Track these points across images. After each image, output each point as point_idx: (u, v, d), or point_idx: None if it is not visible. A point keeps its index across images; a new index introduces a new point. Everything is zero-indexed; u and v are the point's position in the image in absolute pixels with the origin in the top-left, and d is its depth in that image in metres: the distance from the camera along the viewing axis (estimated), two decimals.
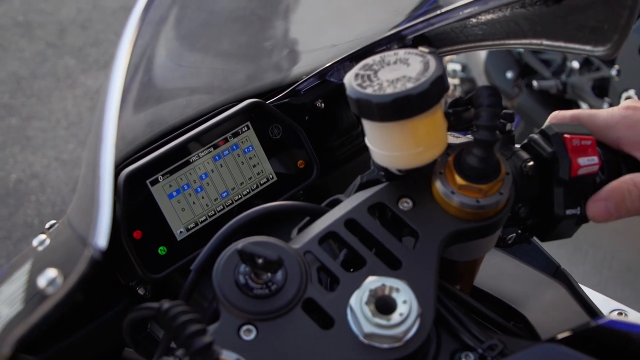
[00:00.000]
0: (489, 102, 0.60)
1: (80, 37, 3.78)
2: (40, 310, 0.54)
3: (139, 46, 0.64)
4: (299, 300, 0.58)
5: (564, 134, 0.67)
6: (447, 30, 0.82)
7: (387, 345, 0.55)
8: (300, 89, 1.04)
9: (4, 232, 2.76)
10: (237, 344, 0.55)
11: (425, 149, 0.60)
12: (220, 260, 0.59)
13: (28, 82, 3.50)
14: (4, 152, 3.10)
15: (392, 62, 0.60)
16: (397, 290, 0.56)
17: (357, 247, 0.61)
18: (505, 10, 0.72)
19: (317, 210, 0.69)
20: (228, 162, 0.94)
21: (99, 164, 0.55)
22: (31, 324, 0.54)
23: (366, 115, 0.58)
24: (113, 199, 0.67)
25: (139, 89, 0.93)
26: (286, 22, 1.13)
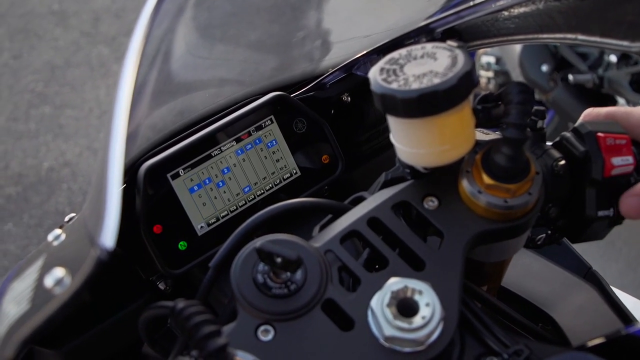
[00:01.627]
0: (519, 99, 0.59)
1: (114, 26, 3.81)
2: (46, 311, 0.54)
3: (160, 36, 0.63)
4: (319, 300, 0.57)
5: (597, 132, 0.65)
6: (477, 24, 0.80)
7: (409, 349, 0.54)
8: (325, 82, 1.03)
9: (35, 219, 2.80)
10: (254, 345, 0.54)
11: (452, 147, 0.59)
12: (239, 259, 0.58)
13: (62, 70, 3.53)
14: (37, 140, 3.14)
15: (419, 56, 0.58)
16: (420, 293, 0.55)
17: (380, 247, 0.60)
18: (538, 3, 0.69)
19: (340, 208, 0.68)
20: (251, 156, 0.93)
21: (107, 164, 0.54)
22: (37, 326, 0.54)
23: (391, 111, 0.57)
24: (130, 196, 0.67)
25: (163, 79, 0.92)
26: (319, 12, 1.11)
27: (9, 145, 3.11)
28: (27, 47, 3.66)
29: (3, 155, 3.06)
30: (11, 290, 0.68)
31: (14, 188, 2.92)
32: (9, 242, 2.71)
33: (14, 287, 0.67)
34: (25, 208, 2.84)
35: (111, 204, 0.53)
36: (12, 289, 0.68)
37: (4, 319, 0.63)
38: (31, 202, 2.86)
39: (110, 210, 0.52)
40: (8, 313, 0.63)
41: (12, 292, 0.67)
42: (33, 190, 2.91)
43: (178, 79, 1.00)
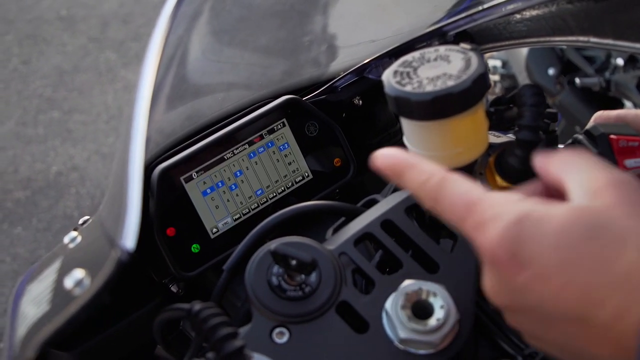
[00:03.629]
0: (532, 101, 0.59)
1: (122, 31, 3.82)
2: (67, 312, 0.54)
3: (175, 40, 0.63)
4: (333, 303, 0.57)
5: (610, 134, 0.65)
6: (490, 27, 0.80)
7: (423, 351, 0.54)
8: (337, 86, 1.03)
9: (44, 223, 2.81)
10: (269, 347, 0.54)
11: (465, 150, 0.59)
12: (253, 261, 0.58)
13: (70, 75, 3.55)
14: (45, 144, 3.15)
15: (433, 59, 0.58)
16: (435, 295, 0.55)
17: (394, 249, 0.60)
18: (551, 6, 0.69)
19: (353, 211, 0.68)
20: (263, 160, 0.93)
21: (127, 165, 0.55)
22: (57, 327, 0.54)
23: (405, 113, 0.57)
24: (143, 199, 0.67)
25: (178, 83, 0.92)
26: (325, 17, 1.11)
27: (18, 150, 3.12)
28: (36, 53, 3.68)
29: (12, 160, 3.07)
30: (28, 292, 0.68)
31: (22, 192, 2.93)
32: (18, 245, 2.71)
33: (32, 289, 0.68)
34: (34, 212, 2.85)
35: (132, 205, 0.53)
36: (30, 291, 0.68)
37: (23, 320, 0.63)
38: (40, 206, 2.87)
39: (130, 211, 0.52)
40: (27, 314, 0.63)
41: (29, 294, 0.67)
42: (42, 194, 2.93)
43: (188, 84, 1.00)
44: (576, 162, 0.47)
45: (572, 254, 0.42)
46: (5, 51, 3.69)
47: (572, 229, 0.42)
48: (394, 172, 0.53)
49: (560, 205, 0.44)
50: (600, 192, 0.44)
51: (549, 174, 0.49)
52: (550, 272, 0.43)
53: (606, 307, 0.41)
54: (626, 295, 0.40)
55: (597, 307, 0.42)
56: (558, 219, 0.43)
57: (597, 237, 0.42)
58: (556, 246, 0.43)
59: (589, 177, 0.45)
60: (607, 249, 0.41)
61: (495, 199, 0.47)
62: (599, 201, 0.43)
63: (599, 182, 0.44)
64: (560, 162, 0.49)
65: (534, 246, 0.43)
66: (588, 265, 0.42)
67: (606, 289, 0.41)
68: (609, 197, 0.43)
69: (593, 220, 0.42)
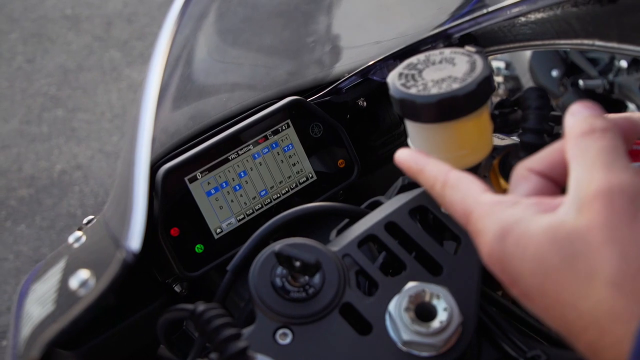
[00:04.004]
0: (537, 104, 0.59)
1: (126, 31, 3.82)
2: (72, 312, 0.54)
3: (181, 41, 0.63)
4: (337, 304, 0.57)
5: None
6: (494, 29, 0.80)
7: (427, 353, 0.54)
8: (342, 87, 1.03)
9: (47, 221, 2.81)
10: (272, 348, 0.54)
11: (469, 152, 0.59)
12: (257, 262, 0.58)
13: (74, 74, 3.55)
14: (49, 143, 3.15)
15: (438, 61, 0.58)
16: (438, 297, 0.55)
17: (397, 251, 0.60)
18: (555, 9, 0.69)
19: (357, 212, 0.68)
20: (267, 160, 0.93)
21: (133, 165, 0.55)
22: (62, 327, 0.54)
23: (409, 116, 0.57)
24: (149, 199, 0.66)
25: (182, 83, 0.93)
26: (329, 18, 1.12)
27: (22, 148, 3.12)
28: (41, 51, 3.68)
29: (16, 158, 3.07)
30: (33, 292, 0.68)
31: (26, 190, 2.93)
32: (21, 243, 2.72)
33: (36, 289, 0.68)
34: (38, 210, 2.85)
35: (137, 206, 0.53)
36: (34, 291, 0.68)
37: (28, 320, 0.63)
38: (43, 205, 2.87)
39: (136, 212, 0.52)
40: (32, 314, 0.63)
41: (34, 294, 0.67)
42: (45, 192, 2.93)
43: (193, 84, 1.01)
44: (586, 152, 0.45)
45: (548, 282, 0.42)
46: (9, 49, 3.69)
47: (548, 255, 0.42)
48: (410, 174, 0.55)
49: (544, 218, 0.44)
50: (589, 204, 0.42)
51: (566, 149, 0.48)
52: (533, 294, 0.43)
53: (581, 342, 0.41)
54: (597, 335, 0.40)
55: (574, 338, 0.42)
56: (536, 240, 0.43)
57: (570, 267, 0.41)
58: (533, 273, 0.43)
59: (589, 176, 0.43)
60: (578, 283, 0.41)
61: (484, 209, 0.47)
62: (582, 218, 0.42)
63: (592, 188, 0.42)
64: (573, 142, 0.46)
65: (516, 267, 0.43)
66: (562, 296, 0.41)
67: (578, 325, 0.41)
68: (594, 214, 0.41)
69: (569, 246, 0.41)
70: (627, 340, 0.38)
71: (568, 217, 0.43)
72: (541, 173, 0.49)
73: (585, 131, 0.46)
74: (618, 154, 0.44)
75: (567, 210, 0.43)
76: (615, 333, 0.39)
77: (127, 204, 0.54)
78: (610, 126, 0.46)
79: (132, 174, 0.55)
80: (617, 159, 0.44)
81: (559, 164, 0.49)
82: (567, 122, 0.48)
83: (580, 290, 0.40)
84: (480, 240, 0.46)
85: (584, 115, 0.47)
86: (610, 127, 0.46)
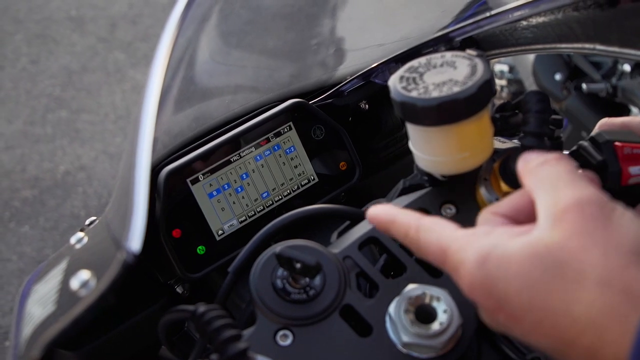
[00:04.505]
0: (537, 107, 0.59)
1: (130, 32, 3.83)
2: (72, 313, 0.54)
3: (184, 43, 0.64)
4: (337, 306, 0.57)
5: (614, 141, 0.65)
6: (496, 33, 0.80)
7: (426, 355, 0.54)
8: (344, 90, 1.03)
9: (51, 222, 2.82)
10: (273, 349, 0.55)
11: (470, 155, 0.59)
12: (258, 264, 0.58)
13: (78, 75, 3.56)
14: (53, 144, 3.16)
15: (439, 64, 0.58)
16: (438, 299, 0.55)
17: (398, 253, 0.60)
18: (557, 13, 0.69)
19: (358, 215, 0.68)
20: (269, 162, 0.93)
21: (134, 167, 0.55)
22: (62, 328, 0.54)
23: (410, 119, 0.57)
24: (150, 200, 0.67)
25: (185, 85, 0.93)
26: (333, 20, 1.12)
27: (26, 149, 3.13)
28: (45, 52, 3.69)
29: (20, 159, 3.08)
30: (34, 292, 0.68)
31: (30, 191, 2.94)
32: (25, 244, 2.72)
33: (38, 289, 0.68)
34: (41, 211, 2.86)
35: (138, 207, 0.53)
36: (36, 291, 0.68)
37: (29, 320, 0.64)
38: (47, 205, 2.88)
39: (136, 213, 0.53)
40: (33, 314, 0.63)
41: (35, 294, 0.68)
42: (49, 193, 2.94)
43: (196, 86, 1.01)
44: (545, 176, 0.47)
45: (535, 297, 0.42)
46: (14, 51, 3.70)
47: (531, 269, 0.43)
48: (382, 228, 0.56)
49: (520, 238, 0.44)
50: (561, 218, 0.43)
51: (524, 184, 0.50)
52: (520, 314, 0.44)
53: (577, 348, 0.41)
54: (594, 336, 0.40)
55: (569, 346, 0.42)
56: (517, 258, 0.43)
57: (555, 276, 0.42)
58: (519, 290, 0.43)
59: (555, 197, 0.45)
60: (567, 289, 0.41)
61: (460, 242, 0.48)
62: (558, 231, 0.43)
63: (561, 205, 0.44)
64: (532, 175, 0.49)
65: (500, 289, 0.44)
66: (551, 306, 0.42)
67: (573, 331, 0.41)
68: (569, 224, 0.43)
69: (550, 257, 0.42)
70: (628, 335, 0.39)
71: (543, 233, 0.44)
72: (506, 216, 0.51)
73: (539, 162, 0.49)
74: (577, 175, 0.46)
75: (541, 228, 0.44)
76: (614, 330, 0.39)
77: (128, 205, 0.54)
78: (561, 155, 0.48)
79: (132, 175, 0.55)
80: (577, 178, 0.46)
81: (523, 208, 0.51)
82: (519, 164, 0.51)
83: (570, 295, 0.41)
84: (460, 272, 0.47)
85: (534, 155, 0.50)
86: (562, 156, 0.48)
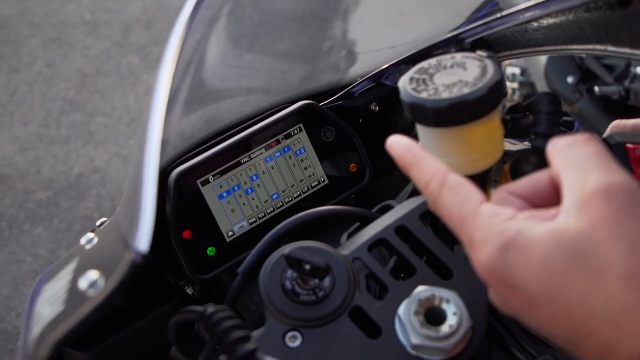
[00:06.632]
0: (548, 109, 0.58)
1: (144, 36, 3.85)
2: (80, 313, 0.54)
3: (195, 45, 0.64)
4: (346, 308, 0.57)
5: (626, 143, 0.65)
6: (506, 34, 0.80)
7: (436, 357, 0.54)
8: (354, 92, 1.03)
9: (65, 224, 2.83)
10: (282, 350, 0.55)
11: (480, 156, 0.59)
12: (267, 265, 0.58)
13: (93, 79, 3.58)
14: (67, 146, 3.18)
15: (449, 66, 0.58)
16: (448, 301, 0.55)
17: (408, 255, 0.60)
18: (568, 15, 0.69)
19: (368, 216, 0.68)
20: (279, 164, 0.93)
21: (142, 168, 0.55)
22: (70, 327, 0.54)
23: (420, 120, 0.57)
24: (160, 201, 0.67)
25: (196, 87, 0.93)
26: (345, 23, 1.12)
27: (41, 151, 3.15)
28: (60, 56, 3.71)
29: (35, 161, 3.11)
30: (44, 292, 0.69)
31: (44, 193, 2.96)
32: (39, 245, 2.74)
33: (47, 289, 0.68)
34: (55, 213, 2.88)
35: (146, 208, 0.53)
36: (46, 291, 0.69)
37: (38, 319, 0.64)
38: (61, 207, 2.90)
39: (144, 214, 0.53)
40: (42, 314, 0.64)
41: (45, 294, 0.68)
42: (63, 195, 2.95)
43: (207, 88, 1.01)
44: (575, 156, 0.46)
45: (556, 285, 0.41)
46: (30, 54, 3.73)
47: (554, 258, 0.41)
48: (402, 164, 0.53)
49: (545, 226, 0.43)
50: (589, 203, 0.42)
51: (552, 166, 0.48)
52: (538, 301, 0.43)
53: (593, 341, 0.40)
54: (612, 331, 0.39)
55: (585, 338, 0.41)
56: (540, 247, 0.42)
57: (578, 267, 0.41)
58: (539, 277, 0.42)
59: (583, 180, 0.43)
60: (589, 280, 0.40)
61: (483, 220, 0.46)
62: (584, 219, 0.41)
63: (590, 187, 0.42)
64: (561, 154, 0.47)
65: (520, 275, 0.43)
66: (571, 297, 0.41)
67: (591, 323, 0.40)
68: (597, 211, 0.41)
69: (575, 246, 0.41)
70: None
71: (569, 220, 0.42)
72: (522, 197, 0.49)
73: (569, 142, 0.47)
74: (607, 157, 0.44)
75: (567, 214, 0.43)
76: (633, 326, 0.39)
77: (137, 205, 0.55)
78: (591, 136, 0.46)
79: (141, 175, 0.55)
80: (607, 161, 0.44)
81: (541, 191, 0.49)
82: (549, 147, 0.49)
83: (591, 288, 0.40)
84: (478, 253, 0.46)
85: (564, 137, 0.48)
86: (591, 137, 0.46)
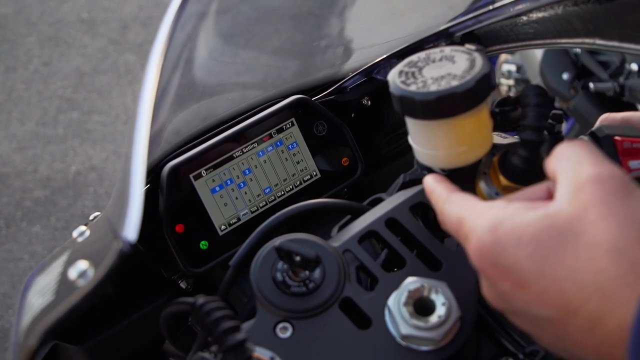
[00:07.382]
0: (536, 101, 0.59)
1: (141, 34, 3.85)
2: (69, 302, 0.55)
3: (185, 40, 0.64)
4: (337, 299, 0.57)
5: (614, 136, 0.65)
6: (496, 28, 0.81)
7: (425, 347, 0.54)
8: (346, 86, 1.03)
9: (62, 222, 2.83)
10: (272, 341, 0.55)
11: (469, 149, 0.59)
12: (258, 257, 0.59)
13: (90, 77, 3.58)
14: (64, 144, 3.18)
15: (438, 59, 0.58)
16: (437, 292, 0.55)
17: (398, 247, 0.61)
18: (557, 8, 0.69)
19: (358, 209, 0.68)
20: (272, 158, 0.94)
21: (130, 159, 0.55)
22: (59, 316, 0.55)
23: (409, 113, 0.57)
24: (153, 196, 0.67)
25: (188, 82, 0.94)
26: (341, 21, 1.12)
27: (38, 150, 3.15)
28: (57, 54, 3.71)
29: (32, 159, 3.10)
30: (36, 284, 0.69)
31: (42, 191, 2.96)
32: (36, 243, 2.74)
33: (39, 281, 0.69)
34: (53, 211, 2.88)
35: (134, 197, 0.54)
36: (37, 283, 0.69)
37: (29, 310, 0.64)
38: (58, 205, 2.90)
39: (133, 203, 0.53)
40: (32, 305, 0.64)
41: (36, 286, 0.68)
42: (60, 193, 2.95)
43: (200, 84, 1.01)
44: (569, 155, 0.48)
45: (546, 264, 0.43)
46: (27, 52, 3.73)
47: (545, 237, 0.43)
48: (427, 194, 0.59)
49: (537, 210, 0.45)
50: (582, 189, 0.44)
51: (548, 170, 0.50)
52: (528, 279, 0.44)
53: (580, 316, 0.42)
54: (601, 303, 0.40)
55: (572, 315, 0.42)
56: (532, 227, 0.44)
57: (568, 245, 0.42)
58: (530, 256, 0.43)
59: (577, 171, 0.45)
60: (579, 257, 0.42)
61: (476, 211, 0.49)
62: (577, 201, 0.43)
63: (583, 177, 0.44)
64: (556, 156, 0.49)
65: (510, 255, 0.44)
66: (561, 273, 0.42)
67: (578, 298, 0.41)
68: (589, 195, 0.43)
69: (566, 226, 0.43)
70: (632, 302, 0.39)
71: (562, 205, 0.44)
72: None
73: (565, 145, 0.49)
74: (599, 154, 0.46)
75: (560, 201, 0.45)
76: (620, 297, 0.40)
77: (125, 196, 0.55)
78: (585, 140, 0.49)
79: (129, 165, 0.56)
80: (600, 157, 0.46)
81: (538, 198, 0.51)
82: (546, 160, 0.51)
83: (581, 263, 0.41)
84: (470, 238, 0.48)
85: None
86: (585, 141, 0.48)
